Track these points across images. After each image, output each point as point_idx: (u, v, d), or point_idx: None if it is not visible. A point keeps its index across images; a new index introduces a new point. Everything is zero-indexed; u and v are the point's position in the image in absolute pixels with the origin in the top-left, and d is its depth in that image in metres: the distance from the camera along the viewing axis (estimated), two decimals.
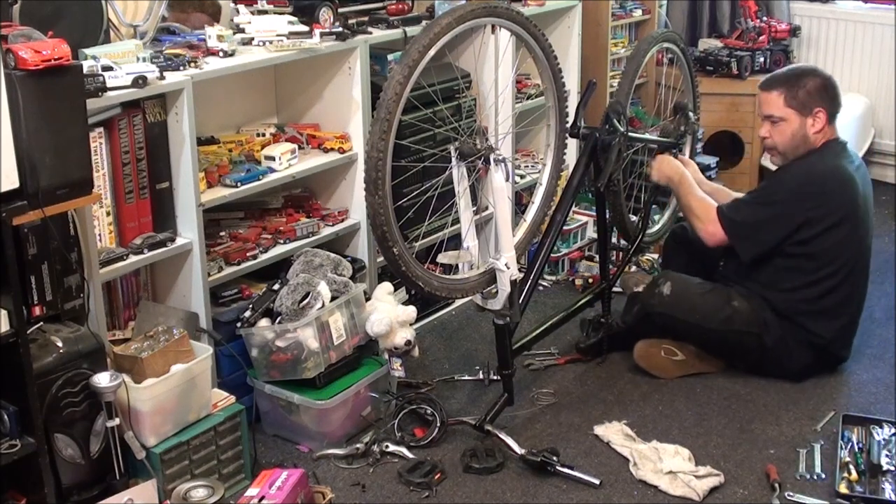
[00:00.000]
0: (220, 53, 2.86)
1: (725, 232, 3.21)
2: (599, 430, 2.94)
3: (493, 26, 2.90)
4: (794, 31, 5.23)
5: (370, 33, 3.22)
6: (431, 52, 2.59)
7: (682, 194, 3.39)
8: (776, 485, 2.66)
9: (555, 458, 2.73)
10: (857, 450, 2.77)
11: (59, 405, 2.34)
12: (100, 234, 2.66)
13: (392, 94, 2.50)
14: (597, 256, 3.88)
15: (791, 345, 3.18)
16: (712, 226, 3.24)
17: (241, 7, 3.14)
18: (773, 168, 3.50)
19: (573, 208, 3.93)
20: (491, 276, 2.92)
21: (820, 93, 3.18)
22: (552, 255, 3.83)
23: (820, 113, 3.16)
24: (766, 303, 3.18)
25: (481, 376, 3.26)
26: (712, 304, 3.20)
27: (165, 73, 2.64)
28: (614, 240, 3.75)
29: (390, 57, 3.34)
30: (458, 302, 3.71)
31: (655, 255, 4.05)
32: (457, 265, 2.90)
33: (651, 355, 3.27)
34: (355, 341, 2.97)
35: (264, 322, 2.88)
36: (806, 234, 3.11)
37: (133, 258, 2.70)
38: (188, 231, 2.81)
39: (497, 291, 2.93)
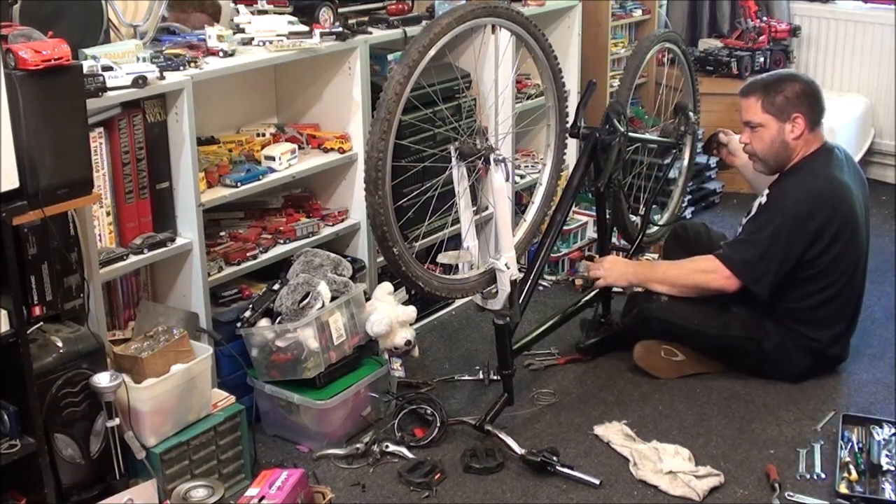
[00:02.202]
0: (220, 53, 2.86)
1: (738, 276, 3.08)
2: (599, 430, 2.94)
3: (493, 26, 2.90)
4: (794, 31, 5.23)
5: (370, 33, 3.22)
6: (431, 52, 2.59)
7: (661, 276, 3.23)
8: (776, 485, 2.66)
9: (555, 458, 2.73)
10: (857, 450, 2.77)
11: (59, 405, 2.34)
12: (100, 234, 2.66)
13: (392, 94, 2.51)
14: (597, 256, 3.88)
15: (790, 349, 3.17)
16: (723, 274, 3.09)
17: (241, 7, 3.14)
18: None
19: (573, 208, 3.92)
20: (491, 276, 2.92)
21: (799, 98, 3.13)
22: (552, 255, 3.84)
23: (798, 118, 3.11)
24: (764, 309, 3.17)
25: (481, 376, 3.26)
26: (710, 309, 3.19)
27: (165, 73, 2.64)
28: (614, 239, 3.75)
29: (390, 57, 3.34)
30: (458, 302, 3.71)
31: (655, 256, 4.05)
32: (457, 265, 2.90)
33: (651, 356, 3.27)
34: (355, 341, 2.97)
35: (264, 322, 2.88)
36: (809, 253, 3.08)
37: (133, 258, 2.70)
38: (188, 231, 2.81)
39: (497, 291, 2.93)
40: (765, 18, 5.20)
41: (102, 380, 2.36)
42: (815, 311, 3.15)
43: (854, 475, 2.66)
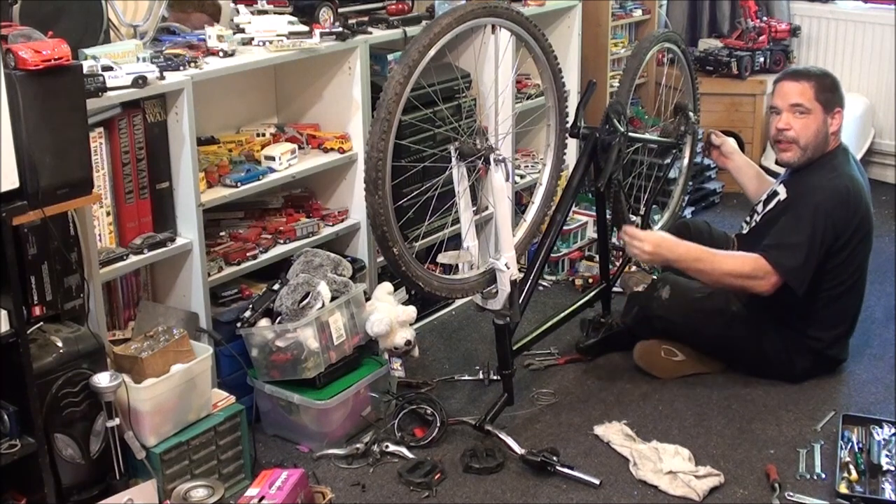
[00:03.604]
0: (220, 53, 2.86)
1: (788, 282, 3.02)
2: (599, 430, 2.94)
3: (493, 26, 2.90)
4: (794, 31, 5.23)
5: (370, 33, 3.22)
6: (431, 52, 2.59)
7: (706, 265, 3.07)
8: (776, 485, 2.66)
9: (555, 458, 2.73)
10: (857, 450, 2.77)
11: (59, 405, 2.34)
12: (100, 234, 2.66)
13: (392, 94, 2.51)
14: (597, 256, 3.88)
15: (790, 350, 3.17)
16: (771, 282, 3.02)
17: (241, 7, 3.14)
18: (779, 167, 3.43)
19: (573, 208, 3.92)
20: (491, 276, 2.92)
21: (838, 93, 3.17)
22: (552, 255, 3.83)
23: (838, 113, 3.14)
24: (765, 308, 3.17)
25: (481, 376, 3.26)
26: (711, 308, 3.19)
27: (165, 73, 2.64)
28: (614, 240, 3.75)
29: (390, 57, 3.34)
30: (458, 302, 3.71)
31: None
32: (457, 265, 2.90)
33: (651, 355, 3.27)
34: (355, 341, 2.97)
35: (264, 322, 2.88)
36: (830, 251, 3.08)
37: (133, 258, 2.70)
38: (188, 231, 2.81)
39: (497, 291, 2.93)
40: (765, 18, 5.20)
41: (102, 380, 2.36)
42: (820, 311, 3.15)
43: (854, 475, 2.66)
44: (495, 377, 3.17)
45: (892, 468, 2.67)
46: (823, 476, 2.72)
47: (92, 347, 2.40)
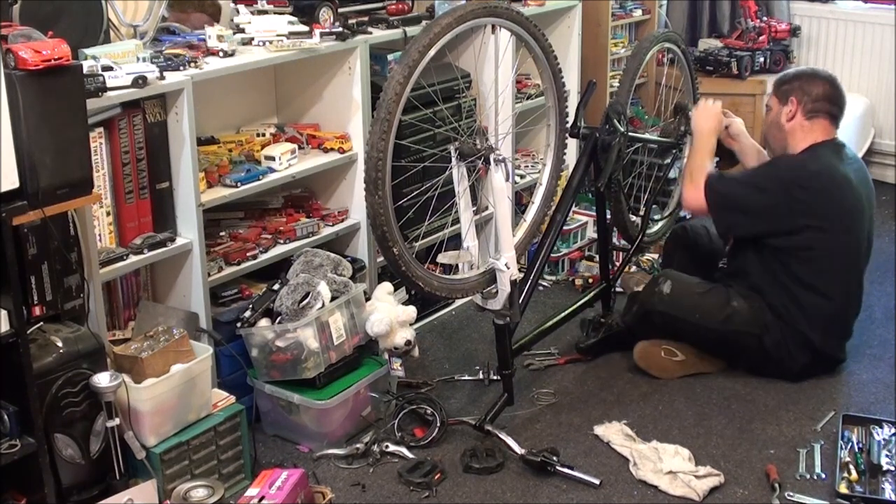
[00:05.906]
0: (220, 53, 2.86)
1: (706, 198, 3.24)
2: (599, 430, 2.94)
3: (493, 26, 2.90)
4: (794, 31, 5.23)
5: (370, 33, 3.22)
6: (431, 52, 2.59)
7: (695, 150, 3.41)
8: (776, 485, 2.66)
9: (555, 458, 2.74)
10: (857, 450, 2.77)
11: (59, 405, 2.34)
12: (100, 234, 2.66)
13: (392, 94, 2.51)
14: (597, 256, 3.89)
15: (790, 346, 3.18)
16: (697, 190, 3.26)
17: (241, 7, 3.14)
18: None
19: (573, 208, 3.92)
20: (491, 276, 2.92)
21: (802, 86, 3.22)
22: (552, 255, 3.83)
23: (793, 100, 3.22)
24: (765, 304, 3.18)
25: (481, 376, 3.26)
26: (712, 303, 3.20)
27: (165, 73, 2.64)
28: (614, 240, 3.75)
29: (390, 57, 3.35)
30: (458, 302, 3.71)
31: (655, 255, 4.06)
32: (457, 265, 2.90)
33: (651, 355, 3.27)
34: (355, 341, 2.97)
35: (264, 322, 2.88)
36: (797, 223, 3.11)
37: (133, 258, 2.70)
38: (188, 231, 2.81)
39: (497, 291, 2.93)
40: (765, 18, 5.19)
41: (102, 380, 2.37)
42: (813, 307, 3.14)
43: (854, 475, 2.66)
44: (495, 377, 3.17)
45: (892, 468, 2.67)
46: (823, 476, 2.72)
47: (92, 347, 2.40)
